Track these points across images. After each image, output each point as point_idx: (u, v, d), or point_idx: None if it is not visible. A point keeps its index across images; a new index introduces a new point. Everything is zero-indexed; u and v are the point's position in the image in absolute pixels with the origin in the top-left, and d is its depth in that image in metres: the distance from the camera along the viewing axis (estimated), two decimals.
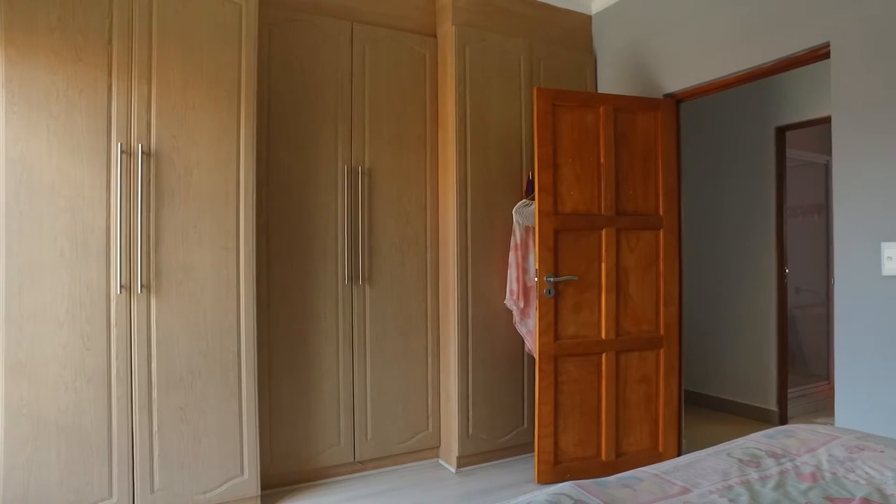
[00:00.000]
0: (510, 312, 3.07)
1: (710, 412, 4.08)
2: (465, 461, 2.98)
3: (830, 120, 2.36)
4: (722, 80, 2.81)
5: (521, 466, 3.02)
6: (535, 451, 2.77)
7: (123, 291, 2.22)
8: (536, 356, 2.76)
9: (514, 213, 3.02)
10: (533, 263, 2.95)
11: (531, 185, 3.03)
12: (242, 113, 2.45)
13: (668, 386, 2.95)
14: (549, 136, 2.77)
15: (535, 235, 2.81)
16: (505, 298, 3.03)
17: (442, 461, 3.09)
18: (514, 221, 3.02)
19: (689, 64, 2.94)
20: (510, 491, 2.69)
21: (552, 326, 2.76)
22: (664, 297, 2.96)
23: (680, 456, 2.04)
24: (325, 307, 2.82)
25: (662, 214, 2.96)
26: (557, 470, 2.76)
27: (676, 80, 3.01)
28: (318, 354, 2.80)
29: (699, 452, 1.59)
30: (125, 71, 2.23)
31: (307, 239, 2.79)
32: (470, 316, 2.99)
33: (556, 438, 2.76)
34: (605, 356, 2.85)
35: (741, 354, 3.99)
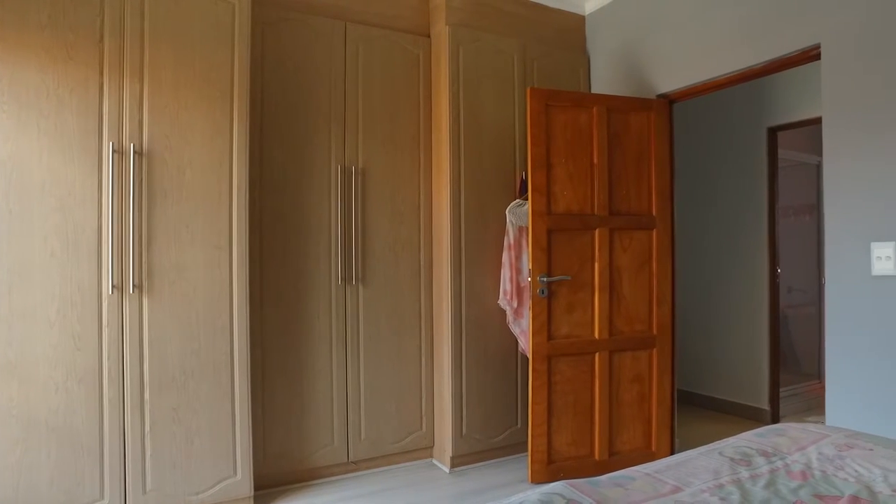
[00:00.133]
0: (504, 312, 3.07)
1: (702, 411, 4.10)
2: (458, 461, 2.99)
3: (821, 121, 2.38)
4: (714, 80, 2.82)
5: (514, 466, 3.02)
6: (528, 450, 2.77)
7: (115, 291, 2.21)
8: (530, 356, 2.76)
9: (507, 213, 3.03)
10: (526, 263, 2.96)
11: (524, 185, 3.03)
12: (235, 112, 2.44)
13: (660, 385, 2.96)
14: (542, 136, 2.77)
15: (528, 235, 2.81)
16: (498, 298, 3.04)
17: (436, 461, 3.09)
18: (507, 221, 3.02)
19: (682, 64, 2.95)
20: (504, 491, 2.69)
21: (545, 326, 2.76)
22: (657, 296, 2.97)
23: (673, 455, 2.04)
24: (318, 307, 2.81)
25: (655, 214, 2.98)
26: (551, 469, 2.76)
27: (669, 80, 3.02)
28: (311, 354, 2.79)
29: (691, 451, 1.60)
30: (117, 70, 2.22)
31: (301, 239, 2.78)
32: (463, 316, 2.99)
33: (549, 438, 2.77)
34: (598, 356, 2.85)
35: (734, 354, 4.01)
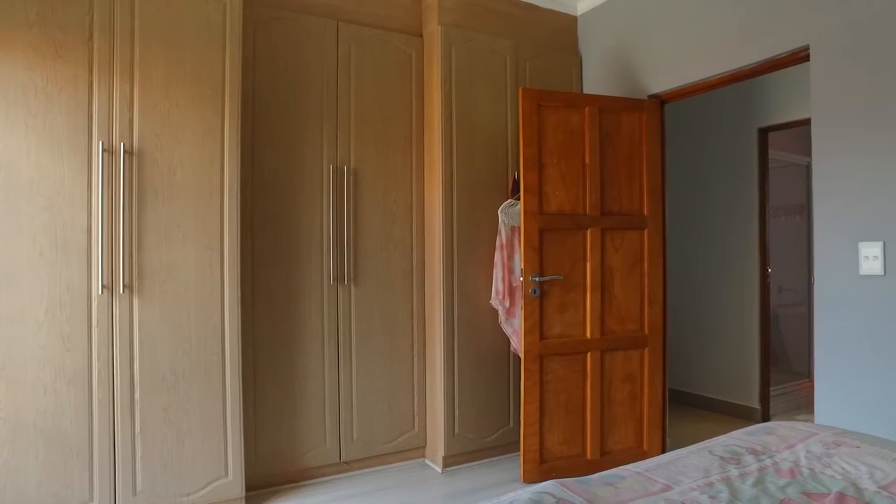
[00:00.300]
0: (496, 312, 3.08)
1: (694, 410, 4.13)
2: (451, 461, 2.99)
3: (811, 122, 2.40)
4: (705, 81, 2.84)
5: (507, 466, 3.03)
6: (520, 450, 2.77)
7: (105, 291, 2.19)
8: (522, 355, 2.77)
9: (499, 212, 3.03)
10: (518, 263, 2.96)
11: (517, 185, 3.04)
12: (227, 111, 2.43)
13: (652, 385, 2.98)
14: (534, 136, 2.78)
15: (520, 235, 2.82)
16: (490, 298, 3.04)
17: (428, 461, 3.09)
18: (499, 221, 3.03)
19: (673, 65, 2.97)
20: (496, 490, 2.69)
21: (537, 326, 2.77)
22: (649, 296, 2.98)
23: (664, 454, 2.05)
24: (310, 307, 2.80)
25: (647, 214, 2.99)
26: (543, 469, 2.77)
27: (661, 81, 3.03)
28: (303, 354, 2.78)
29: (681, 450, 1.61)
30: (106, 68, 2.20)
31: (292, 238, 2.77)
32: (456, 316, 3.00)
33: (541, 437, 2.78)
34: (590, 355, 2.86)
35: (724, 353, 4.04)
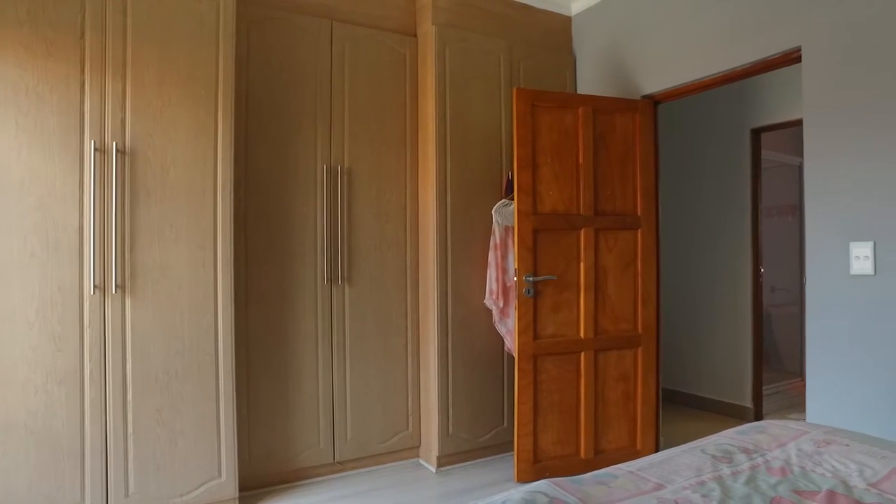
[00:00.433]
0: (490, 312, 3.08)
1: (687, 409, 4.14)
2: (445, 461, 2.99)
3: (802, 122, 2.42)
4: (698, 81, 2.85)
5: (501, 465, 3.03)
6: (514, 449, 2.78)
7: (97, 291, 2.18)
8: (516, 355, 2.77)
9: (493, 212, 3.03)
10: (512, 263, 2.96)
11: (511, 184, 3.04)
12: (220, 110, 2.42)
13: (645, 384, 2.99)
14: (528, 136, 2.78)
15: (514, 235, 2.82)
16: (484, 298, 3.04)
17: (422, 461, 3.09)
18: (493, 221, 3.03)
19: (666, 66, 2.98)
20: (490, 490, 2.70)
21: (531, 326, 2.77)
22: (642, 296, 2.99)
23: (657, 453, 2.06)
24: (304, 307, 2.80)
25: (640, 214, 3.00)
26: (537, 468, 2.78)
27: (654, 81, 3.05)
28: (297, 354, 2.78)
29: (674, 449, 1.62)
30: (98, 67, 2.19)
31: (286, 238, 2.77)
32: (450, 315, 3.00)
33: (535, 437, 2.78)
34: (583, 355, 2.87)
35: (717, 352, 4.06)
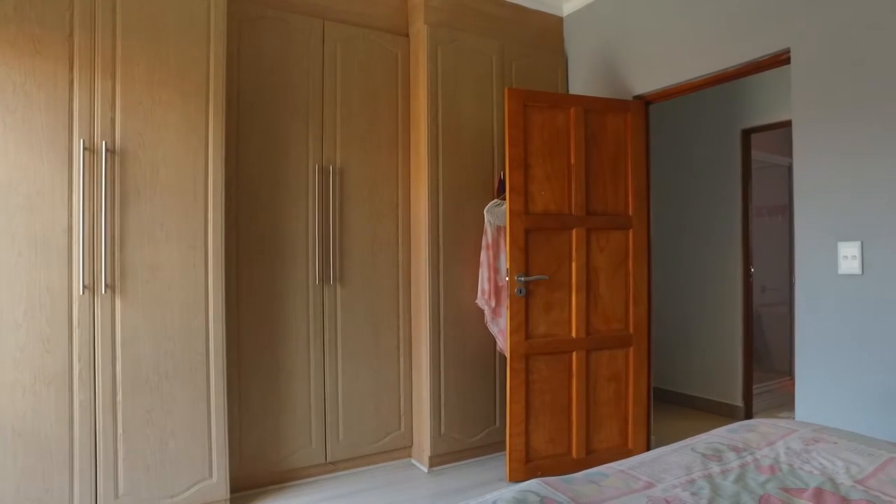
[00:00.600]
0: (482, 312, 3.08)
1: (678, 408, 4.17)
2: (437, 460, 2.99)
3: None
4: (689, 82, 2.87)
5: (493, 465, 3.03)
6: (506, 449, 2.78)
7: (86, 292, 2.16)
8: (508, 355, 2.78)
9: (485, 212, 3.04)
10: (504, 263, 2.97)
11: (502, 184, 3.05)
12: (211, 110, 2.41)
13: (637, 383, 3.00)
14: (520, 136, 2.79)
15: (506, 235, 2.83)
16: (476, 298, 3.05)
17: (414, 461, 3.09)
18: (485, 221, 3.03)
19: (657, 66, 2.99)
20: (482, 489, 2.70)
21: (523, 325, 2.78)
22: (633, 296, 3.01)
23: (647, 451, 2.07)
24: (295, 307, 2.79)
25: (632, 214, 3.01)
26: (529, 468, 2.78)
27: (646, 82, 3.06)
28: (288, 355, 2.77)
29: (664, 448, 1.62)
30: (88, 65, 2.17)
31: (277, 238, 2.75)
32: (442, 315, 3.00)
33: (527, 437, 2.79)
34: (575, 355, 2.88)
35: (708, 352, 4.08)
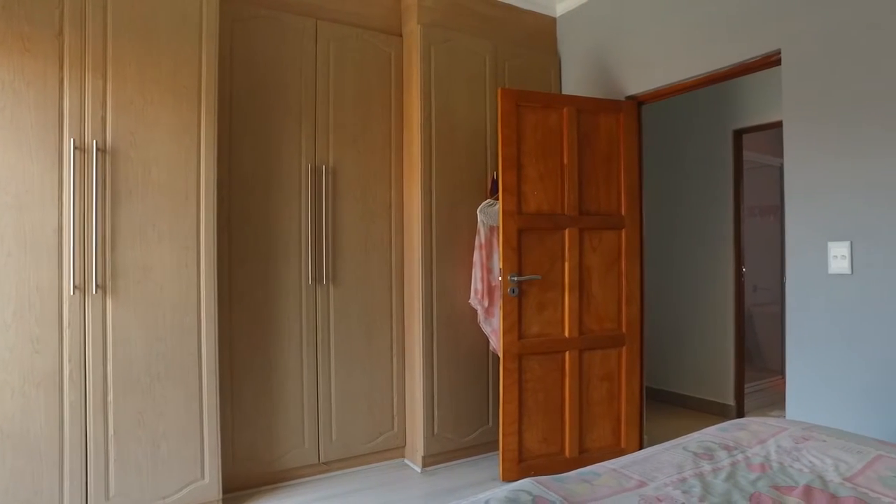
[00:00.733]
0: (475, 311, 3.08)
1: (670, 408, 4.19)
2: (430, 460, 2.99)
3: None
4: (681, 83, 2.88)
5: (486, 465, 3.04)
6: (499, 449, 2.78)
7: (77, 292, 2.14)
8: (501, 355, 2.78)
9: (478, 212, 3.04)
10: (497, 263, 2.97)
11: (495, 184, 3.05)
12: (203, 109, 2.40)
13: (629, 383, 3.01)
14: (513, 136, 2.79)
15: (499, 235, 2.83)
16: (469, 298, 3.05)
17: (407, 461, 3.09)
18: (478, 221, 3.03)
19: (650, 67, 3.01)
20: (475, 489, 2.70)
21: (516, 325, 2.78)
22: (626, 295, 3.02)
23: (640, 451, 2.08)
24: (288, 307, 2.78)
25: (624, 214, 3.02)
26: (522, 467, 2.78)
27: (638, 82, 3.07)
28: (281, 355, 2.76)
29: (656, 447, 1.63)
30: (78, 64, 2.16)
31: (270, 238, 2.75)
32: (435, 315, 3.00)
33: (520, 436, 2.79)
34: (568, 354, 2.89)
35: (700, 351, 4.10)
